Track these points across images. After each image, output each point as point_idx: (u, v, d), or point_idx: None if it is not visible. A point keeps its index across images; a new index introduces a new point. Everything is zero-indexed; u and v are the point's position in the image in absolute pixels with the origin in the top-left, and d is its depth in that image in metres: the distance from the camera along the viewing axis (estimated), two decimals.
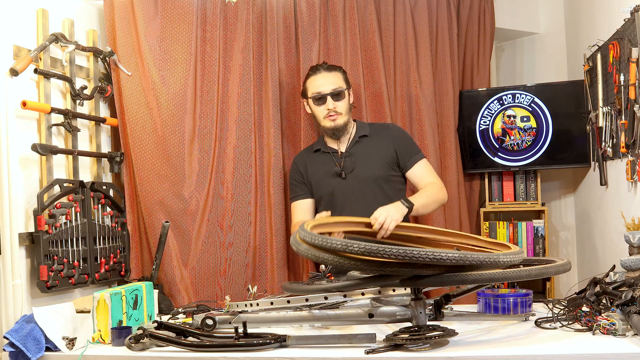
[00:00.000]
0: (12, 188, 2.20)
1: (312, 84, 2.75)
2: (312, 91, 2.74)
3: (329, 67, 2.77)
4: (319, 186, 2.79)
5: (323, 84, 2.72)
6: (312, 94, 2.74)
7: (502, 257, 1.74)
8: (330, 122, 2.72)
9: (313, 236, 1.77)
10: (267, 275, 3.01)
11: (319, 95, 2.72)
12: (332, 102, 2.70)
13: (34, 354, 1.92)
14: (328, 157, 2.78)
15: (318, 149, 2.84)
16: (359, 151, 2.75)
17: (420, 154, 2.78)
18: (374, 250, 1.65)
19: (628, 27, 2.45)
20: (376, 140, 2.77)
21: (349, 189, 2.72)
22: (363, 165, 2.72)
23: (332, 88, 2.71)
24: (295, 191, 2.86)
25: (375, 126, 2.87)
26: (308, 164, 2.84)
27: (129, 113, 2.85)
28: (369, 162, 2.72)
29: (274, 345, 1.82)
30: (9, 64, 2.25)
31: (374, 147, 2.75)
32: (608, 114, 2.81)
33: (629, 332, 1.75)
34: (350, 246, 1.68)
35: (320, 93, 2.71)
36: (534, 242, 3.47)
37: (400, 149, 2.75)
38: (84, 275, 2.53)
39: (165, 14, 2.92)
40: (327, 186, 2.75)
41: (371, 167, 2.71)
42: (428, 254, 1.63)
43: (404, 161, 2.74)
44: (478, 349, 1.73)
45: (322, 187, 2.77)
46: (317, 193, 2.81)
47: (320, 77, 2.74)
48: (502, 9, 3.74)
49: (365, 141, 2.77)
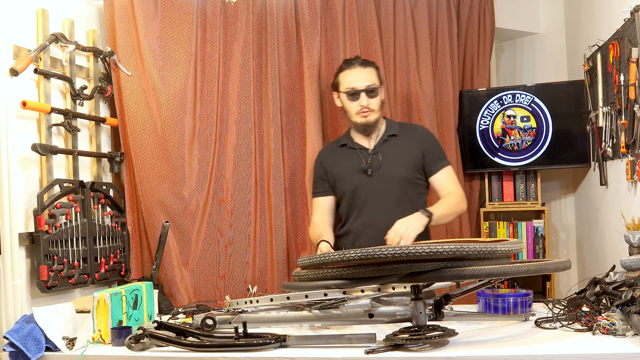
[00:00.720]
0: (12, 188, 2.20)
1: (346, 78, 2.70)
2: (346, 86, 2.70)
3: (363, 62, 2.73)
4: (342, 182, 2.75)
5: (357, 80, 2.67)
6: (346, 89, 2.69)
7: (499, 247, 1.74)
8: (362, 118, 2.68)
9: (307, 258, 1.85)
10: (267, 275, 3.01)
11: (353, 90, 2.67)
12: (365, 98, 2.66)
13: (34, 354, 1.92)
14: (354, 153, 2.74)
15: (344, 144, 2.79)
16: (386, 150, 2.71)
17: (446, 160, 2.75)
18: (371, 254, 1.67)
19: (628, 27, 2.45)
20: (405, 140, 2.73)
21: (373, 187, 2.68)
22: (390, 165, 2.68)
23: (367, 84, 2.66)
24: (316, 187, 2.83)
25: (405, 126, 2.85)
26: (332, 158, 2.80)
27: (129, 113, 2.85)
28: (396, 162, 2.69)
29: (274, 345, 1.82)
30: (9, 64, 2.25)
31: (402, 148, 2.71)
32: (608, 114, 2.81)
33: (629, 332, 1.75)
34: (348, 254, 1.71)
35: (355, 89, 2.67)
36: (534, 242, 3.47)
37: (427, 153, 2.71)
38: (84, 275, 2.53)
39: (165, 14, 2.92)
40: (350, 182, 2.72)
41: (398, 168, 2.68)
42: (424, 249, 1.64)
43: (429, 165, 2.70)
44: (478, 349, 1.73)
45: (346, 183, 2.73)
46: (339, 189, 2.76)
47: (354, 72, 2.69)
48: (502, 9, 3.74)
49: (393, 140, 2.73)
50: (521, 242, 1.91)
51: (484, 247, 1.70)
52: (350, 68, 2.71)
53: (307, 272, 1.90)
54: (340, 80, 2.74)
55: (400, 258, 1.67)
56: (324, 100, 3.16)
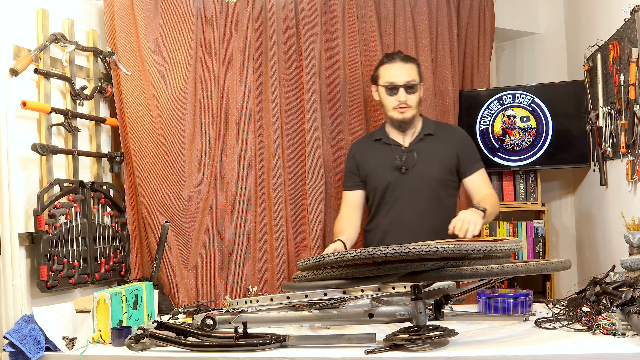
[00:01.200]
0: (12, 188, 2.19)
1: (386, 73, 2.68)
2: (385, 80, 2.67)
3: (405, 57, 2.70)
4: (374, 177, 2.73)
5: (397, 75, 2.65)
6: (385, 83, 2.67)
7: (499, 246, 1.74)
8: (399, 114, 2.66)
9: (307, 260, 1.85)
10: (267, 275, 3.01)
11: (392, 85, 2.65)
12: (404, 94, 2.63)
13: (34, 354, 1.92)
14: (389, 149, 2.72)
15: (379, 139, 2.77)
16: (422, 149, 2.69)
17: (481, 163, 2.74)
18: (371, 254, 1.67)
19: (628, 27, 2.45)
20: (441, 140, 2.71)
21: (405, 185, 2.66)
22: (424, 164, 2.66)
23: (407, 80, 2.64)
24: (346, 181, 2.82)
25: (441, 125, 2.83)
26: (365, 152, 2.78)
27: (129, 113, 2.85)
28: (431, 161, 2.67)
29: (274, 345, 1.82)
30: (9, 64, 2.25)
31: (437, 148, 2.69)
32: (608, 114, 2.81)
33: (629, 332, 1.75)
34: (347, 255, 1.72)
35: (394, 83, 2.64)
36: (534, 242, 3.47)
37: (462, 155, 2.70)
38: (84, 275, 2.53)
39: (165, 14, 2.92)
40: (383, 178, 2.70)
41: (432, 168, 2.66)
42: (424, 248, 1.64)
43: (464, 167, 2.69)
44: (478, 349, 1.73)
45: (378, 179, 2.72)
46: (370, 184, 2.75)
47: (395, 67, 2.67)
48: (502, 9, 3.74)
49: (429, 139, 2.71)
50: (520, 241, 1.91)
51: (483, 247, 1.70)
52: (391, 62, 2.69)
53: (307, 273, 1.90)
54: (380, 73, 2.71)
55: (400, 257, 1.67)
56: (323, 99, 3.16)
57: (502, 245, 1.76)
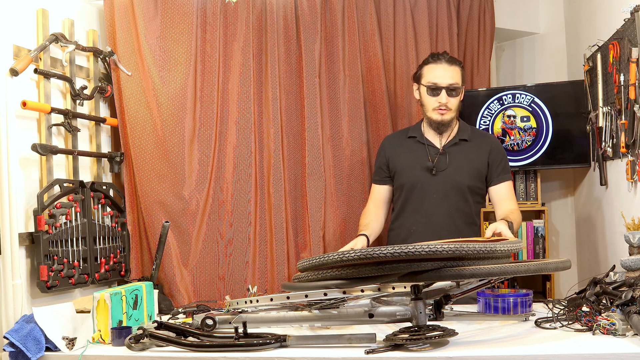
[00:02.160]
0: (12, 188, 2.19)
1: (430, 73, 2.65)
2: (429, 80, 2.64)
3: (450, 59, 2.68)
4: (403, 174, 2.72)
5: (442, 76, 2.62)
6: (428, 83, 2.64)
7: (499, 247, 1.74)
8: (438, 115, 2.64)
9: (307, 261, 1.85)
10: (267, 275, 3.01)
11: (435, 86, 2.63)
12: (445, 96, 2.62)
13: (34, 354, 1.92)
14: (422, 148, 2.71)
15: (413, 136, 2.76)
16: (455, 153, 2.68)
17: (509, 175, 2.72)
18: (370, 254, 1.67)
19: (628, 27, 2.45)
20: (475, 147, 2.70)
21: (434, 186, 2.65)
22: (455, 168, 2.65)
23: (450, 82, 2.62)
24: (375, 174, 2.82)
25: (477, 132, 2.82)
26: (397, 148, 2.77)
27: (129, 113, 2.85)
28: (463, 167, 2.66)
29: (274, 345, 1.82)
30: (9, 64, 2.25)
31: (470, 154, 2.68)
32: (608, 114, 2.81)
33: (629, 332, 1.75)
34: (347, 255, 1.72)
35: (437, 84, 2.63)
36: (534, 242, 3.47)
37: (493, 163, 2.68)
38: (84, 275, 2.53)
39: (165, 14, 2.92)
40: (412, 177, 2.68)
41: (463, 173, 2.65)
42: (424, 248, 1.64)
43: (492, 175, 2.68)
44: (478, 349, 1.73)
45: (407, 177, 2.70)
46: (398, 180, 2.73)
47: (440, 68, 2.64)
48: (502, 9, 3.74)
49: (464, 145, 2.70)
50: (520, 242, 1.91)
51: (483, 247, 1.70)
52: (437, 63, 2.66)
53: (307, 274, 1.90)
54: (424, 73, 2.69)
55: (400, 258, 1.67)
56: (323, 100, 3.16)
57: (502, 245, 1.76)
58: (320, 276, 1.84)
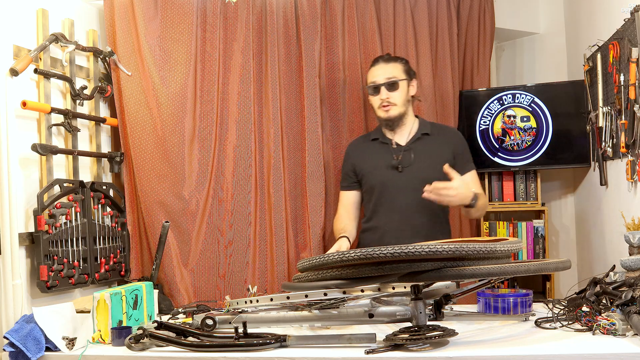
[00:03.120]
0: (12, 188, 2.20)
1: (370, 75, 2.77)
2: (369, 81, 2.77)
3: (388, 58, 2.77)
4: (370, 176, 2.77)
5: (378, 75, 2.72)
6: (368, 84, 2.76)
7: (498, 247, 1.75)
8: (383, 112, 2.72)
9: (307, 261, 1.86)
10: (267, 275, 3.01)
11: (374, 85, 2.73)
12: (385, 92, 2.70)
13: (34, 354, 1.92)
14: (386, 148, 2.77)
15: (376, 138, 2.82)
16: (419, 148, 2.74)
17: (472, 164, 2.79)
18: (370, 254, 1.67)
19: (628, 27, 2.45)
20: (437, 140, 2.76)
21: (402, 183, 2.69)
22: (421, 163, 2.70)
23: (386, 78, 2.70)
24: (343, 181, 2.87)
25: (437, 126, 2.88)
26: (362, 152, 2.82)
27: (129, 113, 2.85)
28: (428, 160, 2.70)
29: (274, 345, 1.82)
30: (9, 64, 2.25)
31: (434, 147, 2.73)
32: (608, 114, 2.81)
33: (629, 332, 1.75)
34: (347, 255, 1.72)
35: (375, 83, 2.72)
36: (534, 242, 3.47)
37: (457, 155, 2.74)
38: (84, 275, 2.53)
39: (165, 14, 2.92)
40: (379, 177, 2.73)
41: (429, 166, 2.69)
42: (424, 248, 1.64)
43: (457, 167, 2.68)
44: (478, 349, 1.73)
45: (375, 178, 2.75)
46: (367, 183, 2.78)
47: (377, 68, 2.75)
48: (502, 9, 3.74)
49: (426, 139, 2.76)
50: (520, 242, 1.91)
51: (483, 247, 1.70)
52: (375, 65, 2.78)
53: (307, 274, 1.90)
54: (367, 77, 2.81)
55: (400, 258, 1.67)
56: (323, 100, 3.16)
57: (502, 245, 1.76)
58: (320, 276, 1.84)
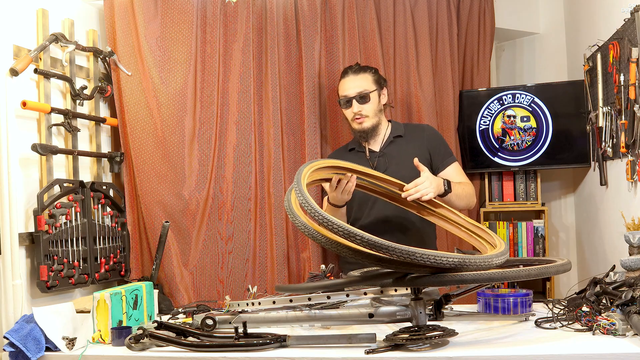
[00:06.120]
0: (12, 188, 2.19)
1: (341, 87, 2.78)
2: (340, 94, 2.78)
3: (357, 69, 2.77)
4: None
5: (349, 88, 2.73)
6: (340, 97, 2.77)
7: (494, 260, 1.79)
8: (357, 124, 2.74)
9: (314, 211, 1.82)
10: (267, 276, 3.01)
11: (346, 98, 2.74)
12: (357, 105, 2.71)
13: (34, 354, 1.92)
14: (362, 156, 2.78)
15: (353, 148, 2.84)
16: (393, 151, 2.75)
17: (453, 157, 2.79)
18: (378, 244, 1.66)
19: (628, 27, 2.45)
20: (410, 140, 2.77)
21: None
22: (397, 166, 2.71)
23: (357, 91, 2.71)
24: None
25: (410, 127, 2.88)
26: None
27: (129, 113, 2.85)
28: (403, 162, 2.70)
29: (274, 345, 1.82)
30: (9, 64, 2.25)
31: (408, 148, 2.74)
32: (608, 114, 2.81)
33: (629, 332, 1.75)
34: (354, 235, 1.69)
35: (347, 96, 2.73)
36: (534, 242, 3.47)
37: (433, 151, 2.75)
38: (84, 275, 2.53)
39: (165, 14, 2.92)
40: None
41: (405, 168, 2.68)
42: (430, 257, 1.65)
43: (436, 163, 2.73)
44: (478, 349, 1.73)
45: None
46: None
47: (348, 81, 2.75)
48: (502, 9, 3.74)
49: (399, 141, 2.77)
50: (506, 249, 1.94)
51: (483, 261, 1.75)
52: (345, 77, 2.78)
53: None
54: (338, 89, 2.82)
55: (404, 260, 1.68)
56: (323, 100, 3.16)
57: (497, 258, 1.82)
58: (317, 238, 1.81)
